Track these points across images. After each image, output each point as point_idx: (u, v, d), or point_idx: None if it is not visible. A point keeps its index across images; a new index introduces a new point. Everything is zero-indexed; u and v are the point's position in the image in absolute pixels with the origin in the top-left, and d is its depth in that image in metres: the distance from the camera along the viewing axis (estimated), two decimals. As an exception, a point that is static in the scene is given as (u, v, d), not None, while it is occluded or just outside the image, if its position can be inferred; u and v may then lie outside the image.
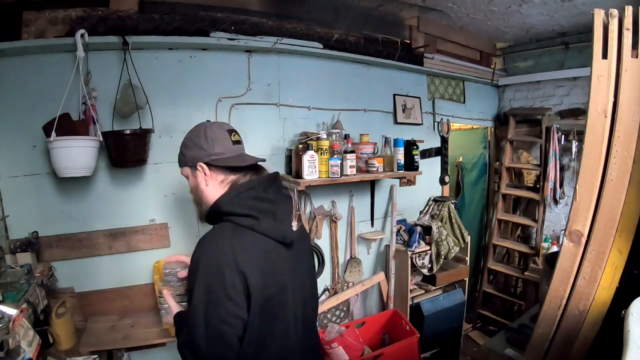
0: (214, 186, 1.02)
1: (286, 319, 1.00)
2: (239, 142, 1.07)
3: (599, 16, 1.40)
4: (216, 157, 1.01)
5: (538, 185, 2.95)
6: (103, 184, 1.75)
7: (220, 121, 1.14)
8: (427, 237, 2.55)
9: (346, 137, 2.11)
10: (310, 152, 1.86)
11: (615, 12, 1.36)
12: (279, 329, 0.98)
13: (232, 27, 1.90)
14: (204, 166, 1.01)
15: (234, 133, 1.06)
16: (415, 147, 2.22)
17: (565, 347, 1.47)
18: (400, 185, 2.56)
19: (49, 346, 1.49)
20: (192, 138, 1.05)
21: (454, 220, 2.67)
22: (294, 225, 1.05)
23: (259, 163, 1.07)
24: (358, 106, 2.43)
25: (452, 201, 2.79)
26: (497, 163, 3.32)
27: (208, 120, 1.10)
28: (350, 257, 2.48)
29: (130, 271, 1.83)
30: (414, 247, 2.45)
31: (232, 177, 1.03)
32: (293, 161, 1.98)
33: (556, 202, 2.86)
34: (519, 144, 3.18)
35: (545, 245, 2.91)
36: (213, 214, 0.99)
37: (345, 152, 1.98)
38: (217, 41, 1.86)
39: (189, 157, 1.04)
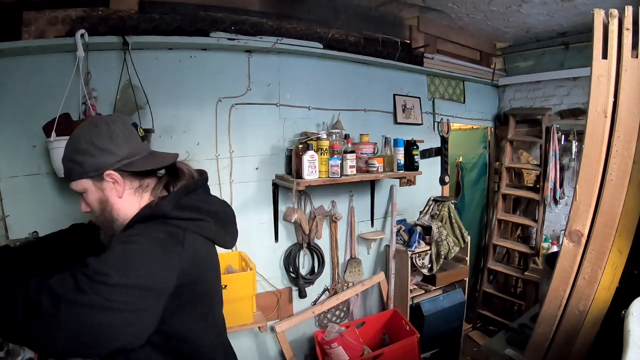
0: (129, 196, 0.86)
1: (220, 326, 0.95)
2: (144, 137, 0.95)
3: (599, 16, 1.40)
4: (128, 160, 0.84)
5: (538, 185, 2.95)
6: (103, 184, 1.75)
7: (117, 114, 0.96)
8: (427, 237, 2.55)
9: (346, 137, 2.11)
10: (310, 152, 1.86)
11: (615, 12, 1.36)
12: (214, 334, 0.91)
13: (232, 27, 1.90)
14: (115, 174, 0.82)
15: (138, 127, 0.93)
16: (415, 147, 2.22)
17: (565, 347, 1.47)
18: (400, 185, 2.56)
19: (49, 346, 1.49)
20: (91, 140, 0.81)
21: (454, 220, 2.67)
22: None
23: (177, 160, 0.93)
24: (358, 106, 2.43)
25: (452, 201, 2.79)
26: (497, 163, 3.32)
27: (99, 114, 0.93)
28: (350, 257, 2.48)
29: (130, 271, 1.83)
30: (414, 247, 2.45)
31: (148, 181, 0.88)
32: (293, 161, 1.98)
33: (556, 202, 2.86)
34: (519, 144, 3.18)
35: (545, 245, 2.91)
36: (142, 218, 0.82)
37: (345, 152, 1.98)
38: (217, 41, 1.86)
39: (89, 165, 0.81)
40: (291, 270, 2.21)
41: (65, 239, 1.09)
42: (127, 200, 0.85)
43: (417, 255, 2.51)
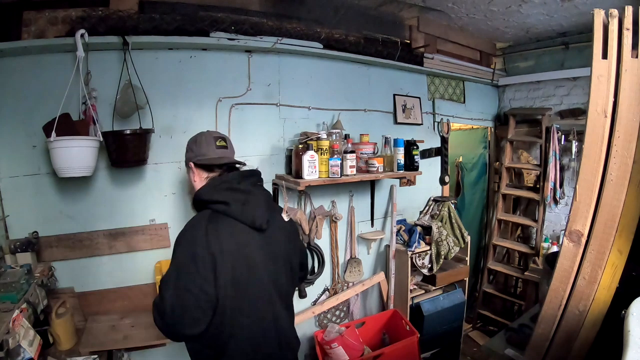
0: (200, 182, 1.23)
1: (257, 296, 1.14)
2: (224, 147, 1.25)
3: (599, 16, 1.40)
4: (199, 157, 1.22)
5: (538, 185, 2.95)
6: (103, 184, 1.75)
7: (216, 131, 1.35)
8: (427, 237, 2.55)
9: (346, 137, 2.11)
10: (310, 152, 1.86)
11: (615, 12, 1.36)
12: (249, 305, 1.12)
13: (232, 27, 1.90)
14: (192, 165, 1.24)
15: (220, 139, 1.25)
16: (415, 147, 2.22)
17: (565, 347, 1.47)
18: (400, 185, 2.56)
19: (49, 346, 1.49)
20: (189, 142, 1.28)
21: (454, 220, 2.67)
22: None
23: (240, 164, 1.27)
24: (358, 106, 2.43)
25: (452, 201, 2.79)
26: (497, 163, 3.32)
27: (208, 130, 1.30)
28: (350, 257, 2.48)
29: (130, 271, 1.83)
30: (414, 247, 2.45)
31: (212, 175, 1.22)
32: (293, 161, 1.98)
33: (556, 202, 2.86)
34: (519, 144, 3.18)
35: (545, 245, 2.91)
36: (196, 203, 1.19)
37: (345, 152, 1.98)
38: (217, 41, 1.86)
39: (186, 157, 1.27)
40: (291, 270, 2.21)
41: None
42: (198, 184, 1.22)
43: (417, 255, 2.51)
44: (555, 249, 2.83)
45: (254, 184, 1.24)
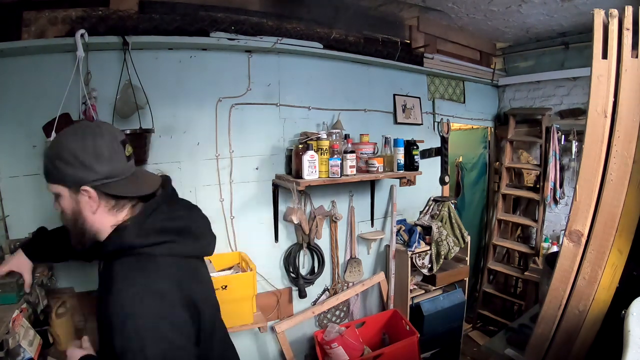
0: (103, 213, 0.83)
1: (222, 333, 0.99)
2: (132, 156, 0.87)
3: (599, 16, 1.40)
4: (108, 181, 0.81)
5: (538, 185, 2.95)
6: (103, 184, 1.75)
7: (107, 124, 0.93)
8: (427, 237, 2.55)
9: (346, 137, 2.11)
10: (310, 152, 1.86)
11: (615, 12, 1.36)
12: (219, 344, 0.95)
13: (232, 27, 1.90)
14: (91, 191, 0.80)
15: (127, 145, 0.86)
16: (415, 147, 2.22)
17: (565, 347, 1.47)
18: (400, 185, 2.56)
19: (49, 346, 1.49)
20: (75, 152, 0.78)
21: (454, 220, 2.68)
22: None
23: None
24: (358, 106, 2.43)
25: (452, 201, 2.79)
26: (497, 163, 3.33)
27: (98, 124, 0.89)
28: (350, 257, 2.48)
29: (130, 271, 1.83)
30: (414, 247, 2.45)
31: (124, 201, 0.85)
32: (293, 161, 1.98)
33: (556, 202, 2.86)
34: (519, 144, 3.18)
35: (545, 245, 2.91)
36: (116, 251, 0.80)
37: (345, 152, 1.98)
38: (217, 41, 1.86)
39: (68, 175, 0.79)
40: (291, 270, 2.21)
41: None
42: (101, 216, 0.83)
43: (417, 255, 2.51)
44: (555, 249, 2.83)
45: (180, 201, 0.99)
